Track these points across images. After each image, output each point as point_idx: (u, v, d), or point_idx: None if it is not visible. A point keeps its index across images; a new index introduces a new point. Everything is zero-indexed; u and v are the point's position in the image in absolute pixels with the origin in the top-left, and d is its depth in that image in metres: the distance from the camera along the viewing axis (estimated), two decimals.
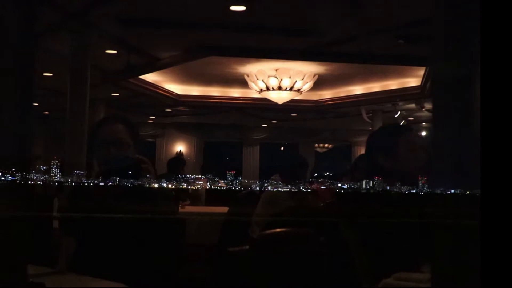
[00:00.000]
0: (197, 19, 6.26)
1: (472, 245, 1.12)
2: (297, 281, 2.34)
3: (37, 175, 1.42)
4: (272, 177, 4.83)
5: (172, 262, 2.45)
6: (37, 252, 1.87)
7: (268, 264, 2.37)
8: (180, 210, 5.23)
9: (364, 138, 15.96)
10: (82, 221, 2.34)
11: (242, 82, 9.45)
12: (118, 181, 2.03)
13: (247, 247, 2.48)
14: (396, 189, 2.18)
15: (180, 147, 15.91)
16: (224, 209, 5.54)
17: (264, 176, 14.93)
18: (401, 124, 10.68)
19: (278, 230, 2.45)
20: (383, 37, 6.71)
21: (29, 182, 1.21)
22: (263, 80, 8.80)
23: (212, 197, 7.29)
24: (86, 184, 2.12)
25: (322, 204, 4.24)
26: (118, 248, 2.27)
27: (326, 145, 18.19)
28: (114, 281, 1.92)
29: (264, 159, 16.73)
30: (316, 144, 17.75)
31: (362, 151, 15.44)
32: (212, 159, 16.80)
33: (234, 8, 5.70)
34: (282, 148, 17.96)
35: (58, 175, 1.67)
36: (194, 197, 7.27)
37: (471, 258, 1.12)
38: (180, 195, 6.32)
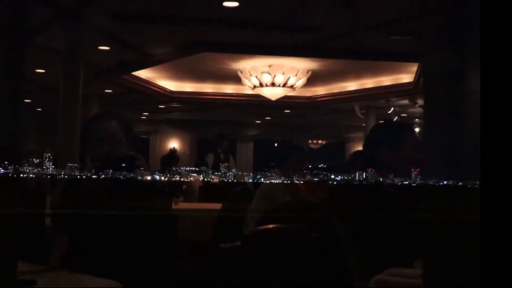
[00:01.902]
0: (190, 15, 6.24)
1: (464, 240, 1.13)
2: (290, 277, 2.35)
3: (29, 168, 1.41)
4: (271, 170, 4.79)
5: (165, 258, 2.44)
6: (30, 249, 1.86)
7: (260, 261, 2.37)
8: (174, 206, 5.22)
9: (357, 135, 16.02)
10: (75, 217, 2.33)
11: (235, 78, 9.44)
12: (111, 174, 2.03)
13: (239, 243, 2.47)
14: (389, 180, 2.18)
15: (173, 143, 15.88)
16: (218, 206, 5.53)
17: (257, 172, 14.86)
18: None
19: (270, 226, 2.45)
20: (376, 33, 6.71)
21: (22, 175, 1.20)
22: (256, 77, 8.79)
23: (206, 193, 7.28)
24: (78, 176, 2.11)
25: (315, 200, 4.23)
26: (111, 245, 2.27)
27: (319, 141, 18.21)
28: (107, 277, 1.92)
29: (258, 156, 16.71)
30: (310, 141, 17.77)
31: (356, 147, 15.48)
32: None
33: (227, 4, 5.69)
34: (275, 145, 17.97)
35: (50, 168, 1.66)
36: (188, 193, 7.27)
37: (463, 253, 1.12)
38: (174, 191, 6.31)
